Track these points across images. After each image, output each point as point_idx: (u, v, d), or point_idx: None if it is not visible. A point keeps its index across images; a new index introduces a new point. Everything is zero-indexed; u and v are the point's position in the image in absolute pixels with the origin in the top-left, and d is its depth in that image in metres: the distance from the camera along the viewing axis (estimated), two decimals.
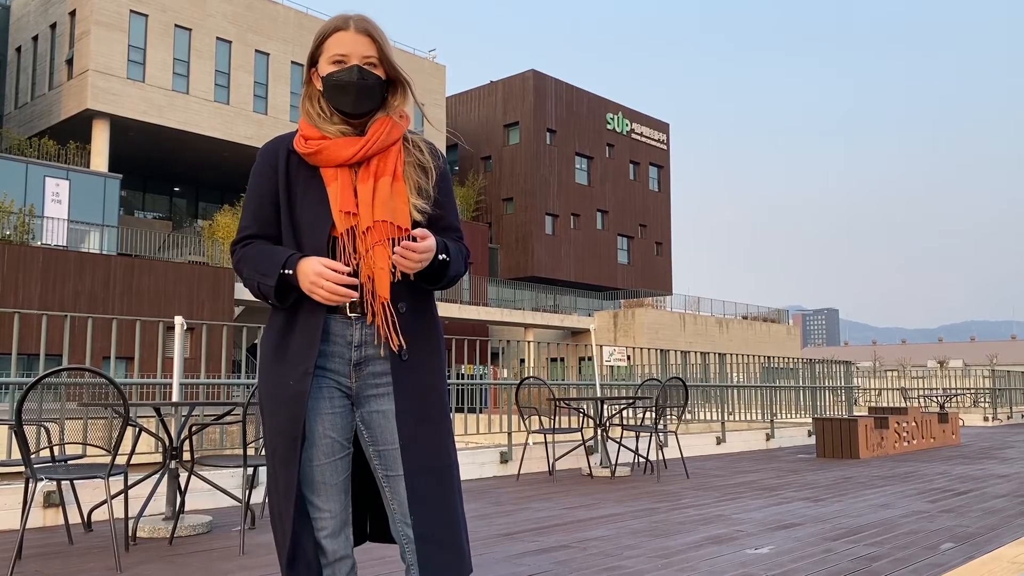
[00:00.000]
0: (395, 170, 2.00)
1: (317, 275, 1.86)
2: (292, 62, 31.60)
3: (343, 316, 1.96)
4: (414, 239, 1.90)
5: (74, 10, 27.74)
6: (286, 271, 1.90)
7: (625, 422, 8.32)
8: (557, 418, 7.55)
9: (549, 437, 7.72)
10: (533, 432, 7.45)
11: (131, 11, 27.75)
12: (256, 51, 30.97)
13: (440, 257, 1.95)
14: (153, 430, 4.76)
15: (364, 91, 1.97)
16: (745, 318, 45.22)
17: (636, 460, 8.39)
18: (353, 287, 1.89)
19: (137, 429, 4.57)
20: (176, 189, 35.11)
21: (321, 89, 2.02)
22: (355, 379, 1.98)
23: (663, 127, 48.53)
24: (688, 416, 10.76)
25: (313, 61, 2.03)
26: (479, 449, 7.83)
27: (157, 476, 4.68)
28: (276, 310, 2.01)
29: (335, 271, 1.87)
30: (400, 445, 1.93)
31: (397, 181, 1.99)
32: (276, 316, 2.00)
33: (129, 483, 4.42)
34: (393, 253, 1.89)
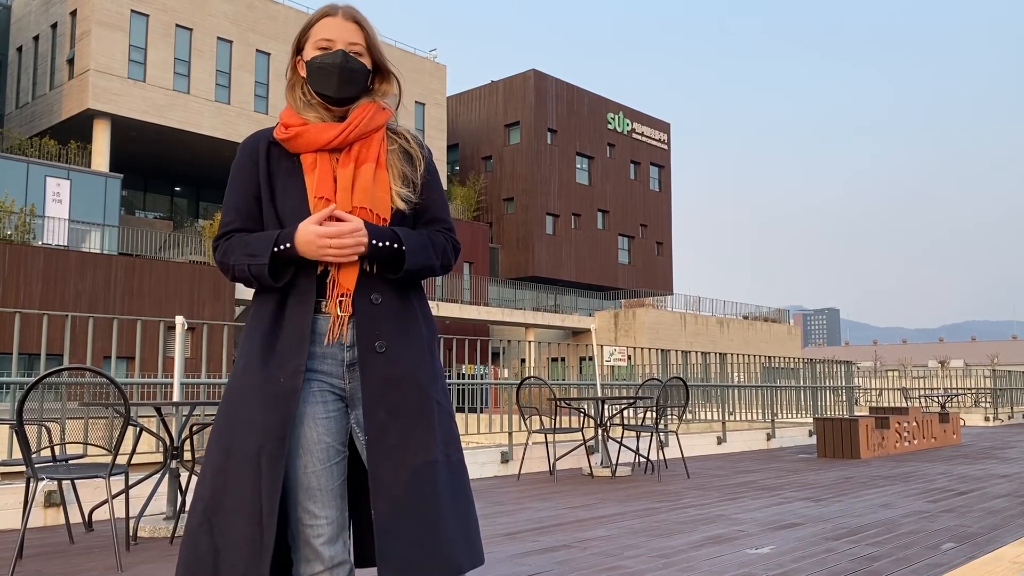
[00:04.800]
0: (378, 157, 1.96)
1: (320, 237, 1.83)
2: None
3: (333, 316, 1.92)
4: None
5: (75, 10, 27.75)
6: (281, 247, 1.86)
7: (626, 422, 8.32)
8: (558, 418, 7.55)
9: (550, 437, 7.72)
10: (534, 432, 7.45)
11: (132, 11, 27.75)
12: (257, 51, 30.97)
13: (376, 243, 1.88)
14: (154, 430, 4.76)
15: (347, 75, 1.94)
16: (746, 318, 45.20)
17: (637, 460, 8.39)
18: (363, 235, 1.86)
19: (138, 429, 4.57)
20: (177, 189, 35.12)
21: (304, 75, 1.99)
22: (349, 380, 1.93)
23: (664, 127, 48.52)
24: (689, 416, 10.76)
25: (299, 48, 2.01)
26: (480, 449, 7.83)
27: (158, 476, 4.69)
28: (261, 304, 1.95)
29: (335, 227, 1.84)
30: (366, 439, 1.87)
31: (380, 168, 1.95)
32: (262, 310, 1.94)
33: (130, 483, 4.43)
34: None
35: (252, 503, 1.81)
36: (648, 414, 8.34)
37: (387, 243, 1.90)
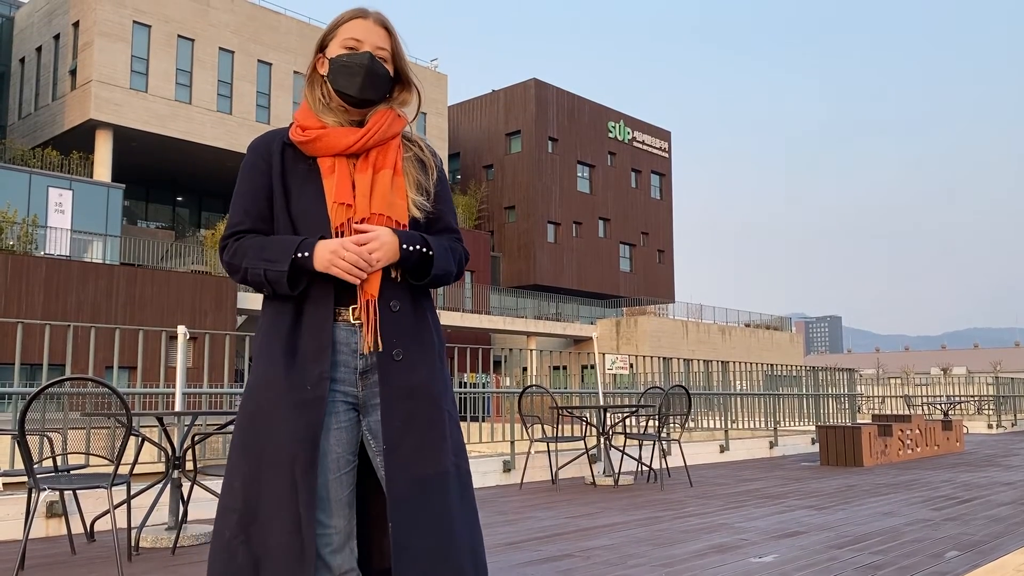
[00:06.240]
0: (395, 164, 1.96)
1: (337, 247, 1.82)
2: (294, 72, 31.70)
3: (347, 323, 1.90)
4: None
5: (77, 21, 27.86)
6: (300, 254, 1.84)
7: (628, 430, 8.31)
8: (560, 426, 7.54)
9: (552, 446, 7.70)
10: (536, 441, 7.44)
11: (134, 22, 27.86)
12: (259, 61, 31.06)
13: (408, 248, 1.88)
14: (156, 440, 4.76)
15: (372, 77, 1.93)
16: (748, 326, 45.15)
17: (639, 468, 8.37)
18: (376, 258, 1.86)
19: (140, 439, 4.57)
20: (179, 199, 35.18)
21: (324, 74, 1.97)
22: (362, 388, 1.91)
23: (664, 135, 48.58)
24: (691, 424, 10.74)
25: (322, 46, 1.98)
26: (482, 458, 7.82)
27: (160, 486, 4.68)
28: (277, 310, 1.92)
29: (356, 243, 1.83)
30: (383, 449, 1.86)
31: (397, 175, 1.95)
32: (280, 316, 1.91)
33: (132, 493, 4.42)
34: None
35: (290, 513, 1.80)
36: (650, 422, 8.33)
37: (417, 247, 1.89)
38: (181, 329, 5.02)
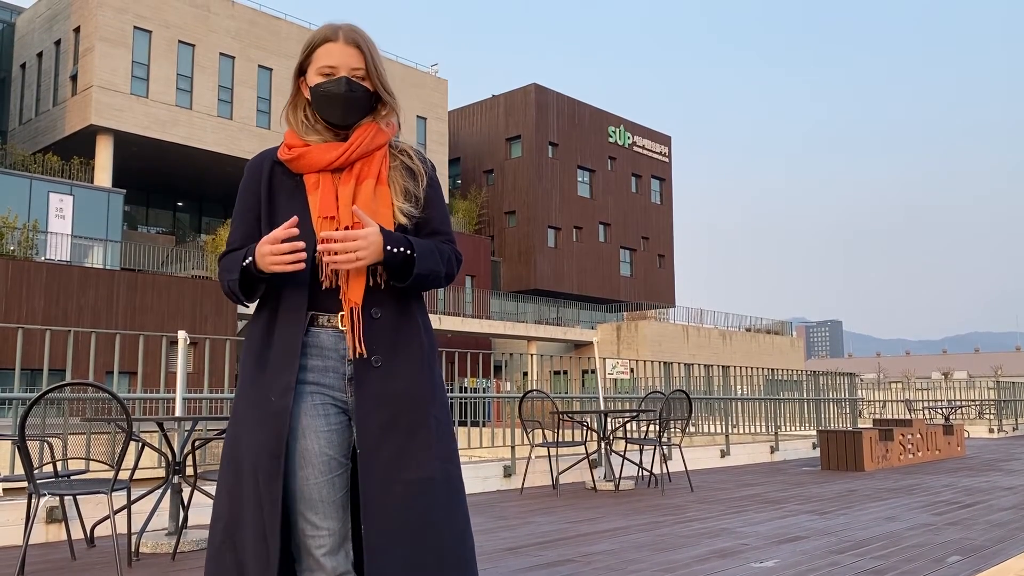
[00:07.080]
0: (379, 173, 1.99)
1: (274, 236, 1.83)
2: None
3: (335, 329, 1.93)
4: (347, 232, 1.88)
5: (78, 27, 27.92)
6: (246, 261, 1.89)
7: (629, 435, 8.30)
8: (560, 431, 7.53)
9: (552, 450, 7.69)
10: (536, 445, 7.44)
11: (135, 27, 27.91)
12: (259, 66, 31.12)
13: (391, 249, 1.87)
14: (156, 445, 4.76)
15: (352, 103, 1.97)
16: (748, 330, 45.14)
17: (640, 473, 8.36)
18: (300, 246, 1.84)
19: (140, 444, 4.57)
20: (179, 204, 35.21)
21: (308, 99, 2.02)
22: (351, 394, 1.94)
23: (665, 140, 48.64)
24: (692, 429, 10.73)
25: (302, 70, 2.03)
26: (482, 463, 7.81)
27: (160, 491, 4.67)
28: (254, 321, 1.98)
29: (280, 237, 1.83)
30: (359, 454, 1.87)
31: (381, 184, 1.98)
32: (255, 326, 1.97)
33: (132, 498, 4.41)
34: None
35: (259, 520, 1.84)
36: (651, 427, 8.32)
37: (400, 248, 1.91)
38: (181, 334, 5.02)
